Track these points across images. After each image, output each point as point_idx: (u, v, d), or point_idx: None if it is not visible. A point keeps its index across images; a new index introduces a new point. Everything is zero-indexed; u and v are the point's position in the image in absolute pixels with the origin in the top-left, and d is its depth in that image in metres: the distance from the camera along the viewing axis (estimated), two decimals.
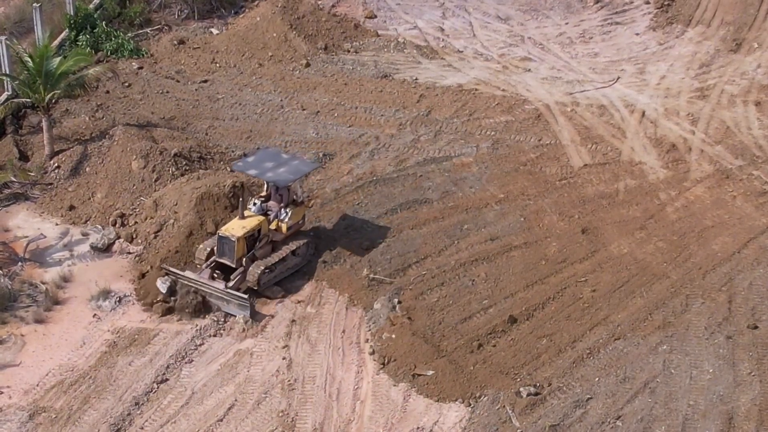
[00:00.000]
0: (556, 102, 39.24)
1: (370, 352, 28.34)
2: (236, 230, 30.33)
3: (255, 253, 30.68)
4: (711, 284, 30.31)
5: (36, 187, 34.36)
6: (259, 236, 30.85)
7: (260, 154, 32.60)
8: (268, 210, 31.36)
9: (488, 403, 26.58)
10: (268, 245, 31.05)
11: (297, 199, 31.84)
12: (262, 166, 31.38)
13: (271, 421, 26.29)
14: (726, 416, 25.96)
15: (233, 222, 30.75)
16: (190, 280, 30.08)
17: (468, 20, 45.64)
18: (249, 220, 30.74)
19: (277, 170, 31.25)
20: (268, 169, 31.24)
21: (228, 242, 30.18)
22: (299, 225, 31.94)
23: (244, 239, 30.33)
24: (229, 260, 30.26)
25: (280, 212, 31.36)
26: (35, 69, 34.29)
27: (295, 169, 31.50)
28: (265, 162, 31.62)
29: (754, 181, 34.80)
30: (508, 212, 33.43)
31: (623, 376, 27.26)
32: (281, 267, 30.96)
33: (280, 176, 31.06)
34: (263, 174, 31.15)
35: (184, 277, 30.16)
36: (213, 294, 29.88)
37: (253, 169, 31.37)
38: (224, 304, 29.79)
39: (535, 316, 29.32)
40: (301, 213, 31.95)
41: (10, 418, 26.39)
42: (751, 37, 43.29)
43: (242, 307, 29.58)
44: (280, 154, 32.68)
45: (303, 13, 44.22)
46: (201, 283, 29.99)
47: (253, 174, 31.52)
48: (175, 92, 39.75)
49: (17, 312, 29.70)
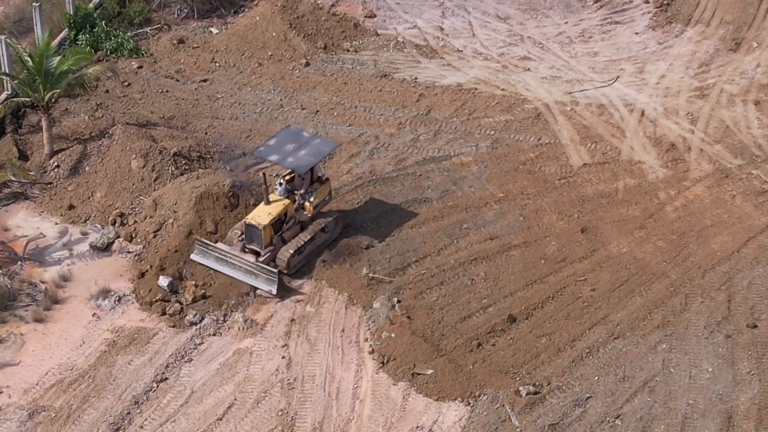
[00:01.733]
0: (556, 101, 39.24)
1: (370, 351, 28.36)
2: (263, 218, 30.80)
3: (283, 235, 31.19)
4: (710, 283, 30.32)
5: (35, 187, 34.36)
6: (285, 219, 31.40)
7: (281, 135, 32.63)
8: (293, 190, 31.84)
9: (488, 402, 26.59)
10: (296, 225, 31.69)
11: (321, 177, 32.36)
12: (282, 151, 31.59)
13: (271, 420, 26.31)
14: (725, 415, 25.98)
15: (259, 208, 31.25)
16: (221, 252, 30.62)
17: (467, 19, 45.61)
18: (274, 206, 31.22)
19: (298, 153, 31.52)
20: (288, 153, 31.46)
21: (255, 230, 30.70)
22: (326, 202, 32.58)
23: (271, 226, 30.85)
24: (258, 246, 30.85)
25: (306, 192, 31.89)
26: (35, 68, 34.27)
27: (316, 151, 31.79)
28: (286, 144, 31.82)
29: (753, 181, 34.80)
30: (508, 211, 33.43)
31: (622, 375, 27.28)
32: (310, 247, 31.57)
33: (301, 161, 31.29)
34: (284, 160, 31.41)
35: (216, 249, 30.72)
36: (242, 267, 30.35)
37: (274, 154, 31.59)
38: (252, 278, 30.34)
39: (534, 315, 29.34)
40: (326, 190, 32.50)
41: (9, 417, 26.42)
42: (751, 36, 43.28)
43: (270, 281, 30.12)
44: (301, 133, 32.79)
45: (302, 12, 44.19)
46: (232, 255, 30.53)
47: (274, 161, 31.77)
48: (175, 91, 39.75)
49: (17, 311, 29.72)
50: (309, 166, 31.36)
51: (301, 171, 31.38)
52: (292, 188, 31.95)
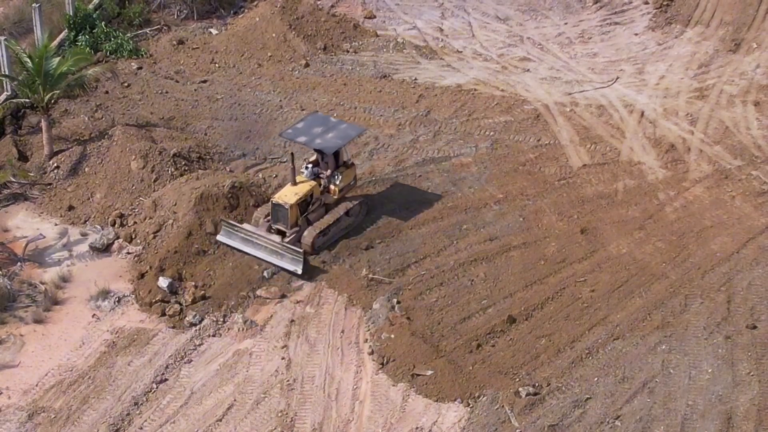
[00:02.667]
0: (555, 102, 39.24)
1: (369, 352, 28.36)
2: (289, 197, 31.45)
3: (308, 216, 31.81)
4: (710, 284, 30.32)
5: (35, 188, 34.36)
6: (311, 200, 32.04)
7: (308, 119, 33.42)
8: (319, 174, 32.36)
9: (487, 403, 26.59)
10: (321, 208, 32.30)
11: (347, 161, 32.98)
12: (310, 133, 32.36)
13: (270, 421, 26.31)
14: (725, 416, 25.97)
15: (286, 188, 31.93)
16: (247, 232, 31.16)
17: (467, 20, 45.61)
18: (301, 186, 31.88)
19: (325, 136, 32.22)
20: (316, 136, 32.18)
21: (281, 209, 31.34)
22: (351, 186, 33.21)
23: (297, 205, 31.44)
24: (284, 226, 31.43)
25: (332, 176, 32.44)
26: (34, 69, 34.29)
27: (342, 134, 32.53)
28: (313, 128, 32.58)
29: (753, 181, 34.80)
30: (507, 212, 33.43)
31: (622, 376, 27.27)
32: (335, 229, 32.11)
33: (328, 142, 32.02)
34: (311, 142, 32.13)
35: (242, 230, 31.27)
36: (268, 247, 30.85)
37: (302, 136, 32.31)
38: (278, 258, 30.85)
39: (534, 316, 29.34)
40: (352, 174, 33.17)
41: (9, 418, 26.43)
42: (750, 37, 43.28)
43: (295, 261, 30.63)
44: (328, 118, 33.73)
45: (302, 13, 44.19)
46: (258, 236, 31.09)
47: (301, 142, 32.40)
48: (175, 92, 39.75)
49: (16, 312, 29.73)
50: (336, 147, 32.09)
51: (328, 151, 32.02)
52: (318, 172, 32.49)
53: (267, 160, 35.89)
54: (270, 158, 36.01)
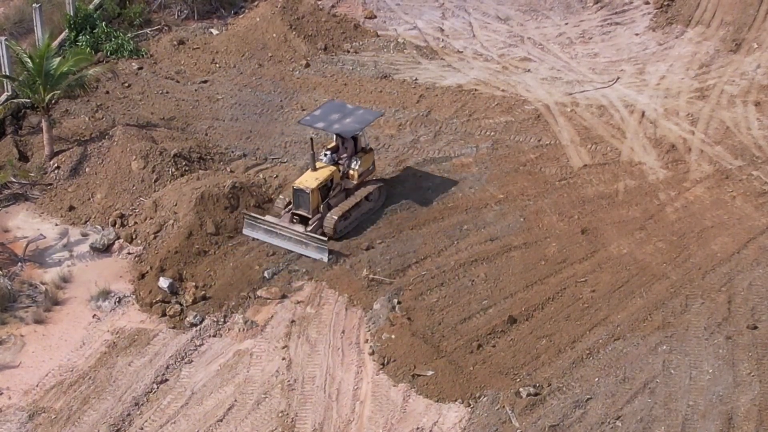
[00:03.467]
0: (556, 102, 39.24)
1: (370, 352, 28.35)
2: (310, 182, 32.04)
3: (329, 201, 32.33)
4: (710, 284, 30.30)
5: (36, 188, 34.37)
6: (332, 185, 32.61)
7: (325, 107, 34.03)
8: (338, 159, 32.96)
9: (488, 403, 26.58)
10: (341, 193, 32.89)
11: (365, 147, 33.61)
12: (328, 119, 32.96)
13: (271, 421, 26.31)
14: (725, 416, 25.96)
15: (306, 174, 32.46)
16: (270, 224, 31.71)
17: (468, 20, 45.63)
18: (321, 171, 32.44)
19: (344, 121, 32.84)
20: (334, 121, 32.83)
21: (303, 194, 31.86)
22: (370, 171, 33.76)
23: (318, 190, 32.00)
24: (305, 211, 31.96)
25: (351, 161, 33.02)
26: (35, 69, 34.29)
27: (360, 119, 33.12)
28: (331, 114, 33.19)
29: (753, 182, 34.79)
30: (508, 212, 33.43)
31: (623, 376, 27.26)
32: (356, 213, 32.70)
33: (346, 127, 32.70)
34: (330, 127, 32.80)
35: (265, 222, 31.77)
36: (292, 238, 31.35)
37: (320, 122, 32.94)
38: (302, 248, 31.31)
39: (534, 317, 29.33)
40: (370, 159, 33.75)
41: (9, 418, 26.42)
42: (751, 37, 43.28)
43: (320, 249, 31.14)
44: (344, 105, 34.40)
45: (303, 13, 44.21)
46: (281, 227, 31.60)
47: (320, 127, 33.08)
48: (175, 93, 39.76)
49: (17, 312, 29.73)
50: (355, 131, 32.68)
51: (347, 135, 32.64)
52: (338, 158, 33.06)
53: (267, 161, 35.89)
54: (271, 158, 36.01)
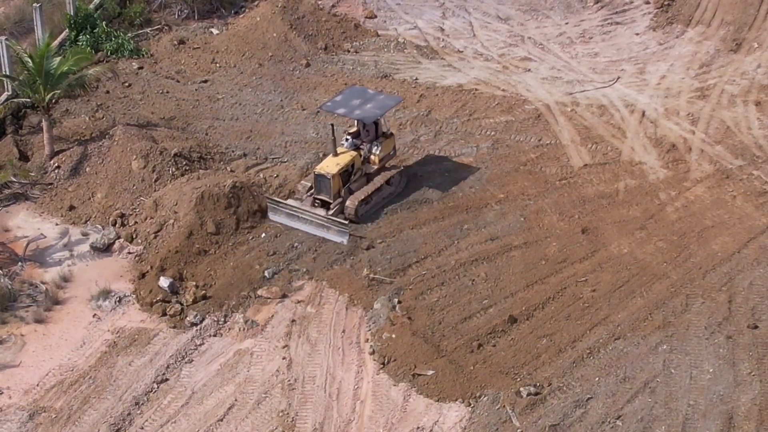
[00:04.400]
0: (556, 102, 39.23)
1: (370, 351, 28.35)
2: (331, 167, 32.52)
3: (350, 186, 32.88)
4: (711, 284, 30.30)
5: (36, 187, 34.36)
6: (353, 170, 33.08)
7: (346, 92, 34.55)
8: (359, 145, 33.50)
9: (488, 402, 26.58)
10: (362, 178, 33.37)
11: (386, 132, 33.96)
12: (349, 105, 33.40)
13: (271, 420, 26.30)
14: (726, 416, 25.96)
15: (327, 159, 32.95)
16: (292, 208, 32.16)
17: (468, 20, 45.62)
18: (342, 156, 32.96)
19: (364, 107, 33.26)
20: (355, 107, 33.27)
21: (324, 179, 32.34)
22: (390, 156, 34.22)
23: (339, 175, 32.52)
24: (327, 196, 32.48)
25: (371, 146, 33.51)
26: (35, 69, 34.28)
27: (381, 104, 33.60)
28: (352, 100, 33.64)
29: (754, 181, 34.78)
30: (508, 212, 33.42)
31: (623, 375, 27.26)
32: (377, 197, 33.23)
33: (367, 113, 33.07)
34: (351, 113, 33.28)
35: (287, 206, 32.28)
36: (313, 221, 31.83)
37: (341, 108, 33.44)
38: (324, 231, 31.82)
39: (535, 316, 29.32)
40: (391, 144, 34.21)
41: (10, 418, 26.42)
42: (751, 37, 43.28)
43: (341, 233, 31.64)
44: (365, 90, 34.99)
45: (303, 13, 44.21)
46: (303, 211, 32.10)
47: (341, 113, 33.55)
48: (175, 92, 39.75)
49: (17, 312, 29.72)
50: (375, 117, 33.03)
51: (368, 121, 33.03)
52: (358, 143, 33.55)
53: (268, 160, 35.88)
54: (271, 158, 36.00)
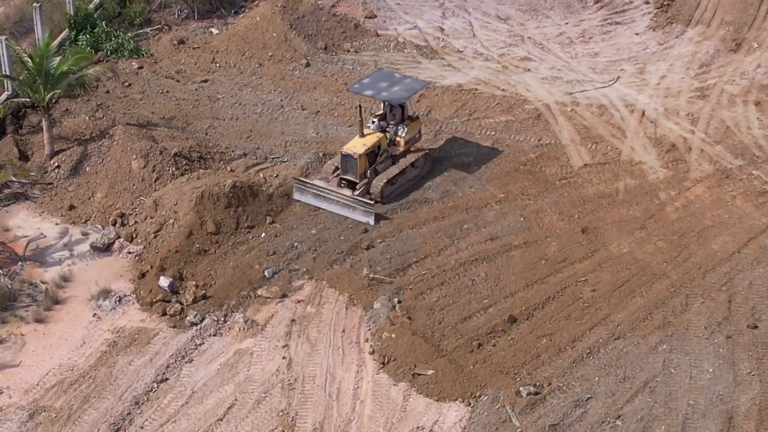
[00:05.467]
0: (556, 102, 39.25)
1: (370, 351, 28.35)
2: (357, 148, 33.30)
3: (376, 167, 33.50)
4: (711, 284, 30.31)
5: (36, 187, 34.37)
6: (379, 152, 33.80)
7: (374, 75, 35.44)
8: (386, 127, 34.24)
9: (488, 402, 26.59)
10: (388, 159, 34.08)
11: (412, 115, 34.72)
12: (376, 87, 34.22)
13: (271, 420, 26.31)
14: (726, 416, 25.97)
15: (354, 140, 33.77)
16: (319, 188, 32.86)
17: (468, 20, 45.64)
18: (368, 138, 33.74)
19: (391, 89, 34.07)
20: (382, 89, 34.07)
21: (350, 159, 33.07)
22: (416, 139, 35.08)
23: (366, 155, 33.24)
24: (353, 176, 33.23)
25: (398, 128, 34.27)
26: (35, 69, 34.28)
27: (407, 87, 34.41)
28: (380, 83, 34.44)
29: (754, 181, 34.80)
30: (508, 212, 33.43)
31: (623, 375, 27.27)
32: (402, 179, 33.83)
33: (394, 95, 33.89)
34: (378, 94, 34.07)
35: (314, 186, 32.96)
36: (339, 201, 32.54)
37: (369, 90, 34.22)
38: (350, 211, 32.50)
39: (535, 316, 29.33)
40: (417, 128, 35.05)
41: (10, 417, 26.42)
42: (751, 37, 43.30)
43: (367, 213, 32.34)
44: (393, 74, 35.78)
45: (303, 13, 44.22)
46: (329, 191, 32.85)
47: (368, 95, 34.28)
48: (175, 92, 39.76)
49: (17, 311, 29.73)
50: (402, 99, 33.82)
51: (394, 103, 33.83)
52: (385, 126, 34.27)
53: (268, 160, 35.90)
54: (271, 158, 36.01)
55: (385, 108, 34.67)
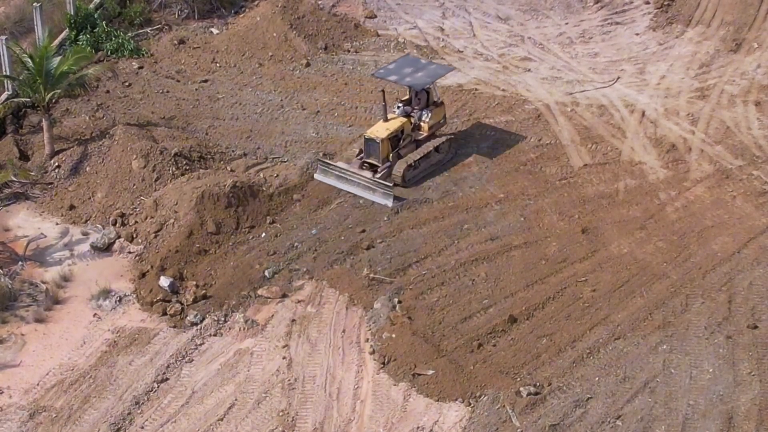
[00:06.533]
0: (556, 102, 39.25)
1: (371, 351, 28.36)
2: (380, 132, 33.88)
3: (399, 151, 34.03)
4: (711, 284, 30.32)
5: (36, 187, 34.37)
6: (402, 136, 34.32)
7: (399, 61, 36.11)
8: (410, 112, 34.78)
9: (488, 402, 26.60)
10: (411, 144, 34.62)
11: (436, 100, 35.19)
12: (401, 72, 34.76)
13: (272, 420, 26.32)
14: (726, 416, 25.98)
15: (378, 124, 34.38)
16: (341, 170, 33.38)
17: (468, 20, 45.63)
18: (392, 122, 34.29)
19: (416, 75, 34.59)
20: (406, 75, 34.60)
21: (373, 143, 33.65)
22: (440, 124, 35.53)
23: (389, 140, 33.78)
24: (376, 160, 33.77)
25: (422, 113, 34.79)
26: (35, 69, 34.29)
27: (432, 73, 35.04)
28: (404, 68, 35.07)
29: (754, 181, 34.80)
30: (508, 212, 33.44)
31: (623, 375, 27.28)
32: (425, 163, 34.37)
33: (418, 80, 34.44)
34: (402, 79, 34.62)
35: (336, 168, 33.52)
36: (360, 183, 33.12)
37: (393, 75, 34.80)
38: (370, 193, 33.10)
39: (535, 316, 29.34)
40: (441, 113, 35.48)
41: (10, 417, 26.43)
42: (751, 37, 43.29)
43: (386, 195, 32.90)
44: (418, 60, 36.73)
45: (303, 12, 44.21)
46: (351, 173, 33.40)
47: (393, 80, 34.82)
48: (176, 92, 39.76)
49: (18, 311, 29.74)
50: (425, 84, 34.39)
51: (417, 87, 34.32)
52: (410, 111, 34.77)
53: (268, 160, 35.89)
54: (271, 157, 36.01)
55: (410, 93, 35.23)
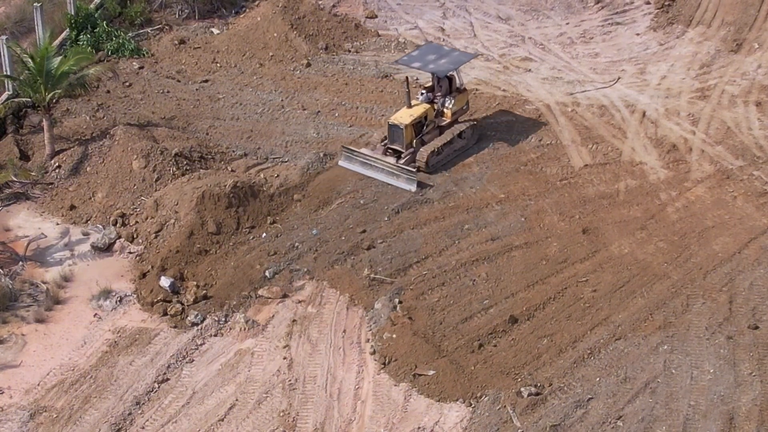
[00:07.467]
0: (557, 102, 39.24)
1: (371, 352, 28.36)
2: (404, 118, 34.34)
3: (423, 138, 34.47)
4: (712, 284, 30.32)
5: (37, 187, 34.37)
6: (425, 122, 34.76)
7: (422, 49, 36.80)
8: (433, 99, 35.27)
9: (489, 403, 26.60)
10: (434, 130, 35.04)
11: (459, 87, 35.60)
12: (424, 59, 35.38)
13: (272, 420, 26.32)
14: (727, 416, 25.98)
15: (402, 111, 34.85)
16: (365, 156, 33.89)
17: (468, 20, 45.62)
18: (416, 108, 34.78)
19: (439, 62, 35.07)
20: (430, 62, 35.16)
21: (397, 129, 34.12)
22: (463, 111, 35.99)
23: (412, 126, 34.30)
24: (399, 146, 34.28)
25: (445, 100, 35.24)
26: (36, 69, 34.28)
27: (455, 60, 35.45)
28: (428, 55, 35.59)
29: (754, 182, 34.79)
30: (509, 212, 33.43)
31: (624, 376, 27.28)
32: (448, 149, 34.87)
33: (440, 67, 34.93)
34: (425, 66, 35.14)
35: (361, 154, 34.05)
36: (384, 169, 33.54)
37: (417, 62, 35.46)
38: (393, 179, 33.55)
39: (535, 316, 29.34)
40: (464, 100, 35.97)
41: (11, 417, 26.45)
42: (752, 37, 43.29)
43: (410, 181, 33.37)
44: (441, 47, 37.26)
45: (304, 13, 44.21)
46: (375, 159, 33.78)
47: (416, 67, 35.48)
48: (176, 92, 39.76)
49: (18, 311, 29.74)
50: (448, 71, 34.83)
51: (440, 74, 34.80)
52: (433, 97, 35.24)
53: (269, 160, 35.90)
54: (272, 158, 36.01)
55: (433, 80, 35.56)
